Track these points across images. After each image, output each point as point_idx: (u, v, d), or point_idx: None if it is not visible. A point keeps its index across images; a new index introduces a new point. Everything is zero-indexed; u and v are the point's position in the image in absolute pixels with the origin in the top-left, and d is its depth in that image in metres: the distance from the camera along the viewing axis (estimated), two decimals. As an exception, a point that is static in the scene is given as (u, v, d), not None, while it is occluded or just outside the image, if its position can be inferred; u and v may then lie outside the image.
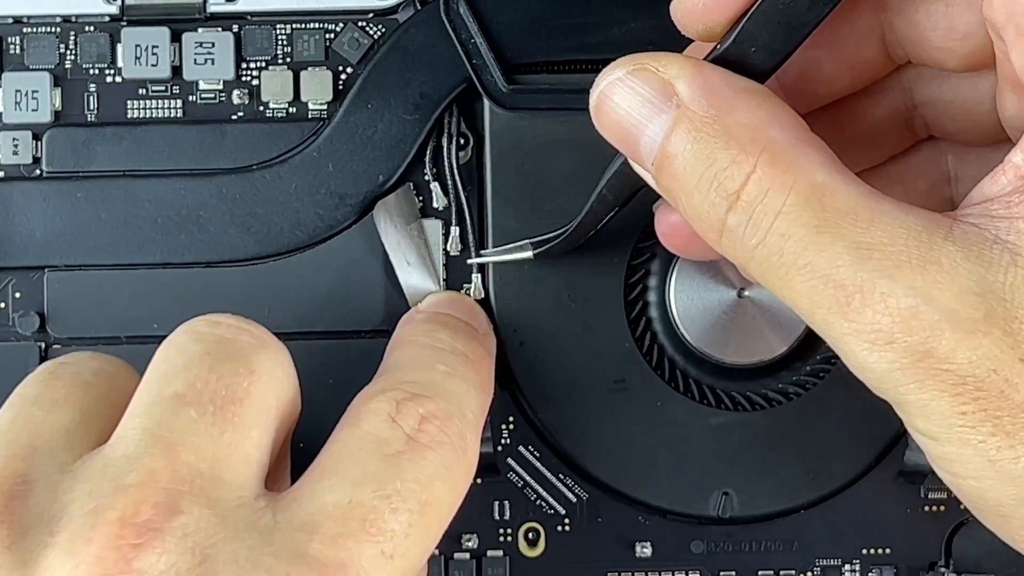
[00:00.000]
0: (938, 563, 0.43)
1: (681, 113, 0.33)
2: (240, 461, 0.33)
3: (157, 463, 0.32)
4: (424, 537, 0.34)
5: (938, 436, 0.32)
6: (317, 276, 0.42)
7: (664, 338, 0.43)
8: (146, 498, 0.31)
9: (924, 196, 0.40)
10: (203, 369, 0.34)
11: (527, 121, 0.42)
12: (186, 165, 0.42)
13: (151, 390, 0.34)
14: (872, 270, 0.31)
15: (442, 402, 0.36)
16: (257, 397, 0.34)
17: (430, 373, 0.37)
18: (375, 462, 0.34)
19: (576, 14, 0.42)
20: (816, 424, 0.42)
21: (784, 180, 0.32)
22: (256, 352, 0.35)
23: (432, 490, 0.34)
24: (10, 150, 0.42)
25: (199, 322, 0.35)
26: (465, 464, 0.35)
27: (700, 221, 0.34)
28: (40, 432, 0.34)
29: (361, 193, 0.42)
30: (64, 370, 0.36)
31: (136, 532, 0.31)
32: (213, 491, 0.32)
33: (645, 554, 0.43)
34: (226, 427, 0.33)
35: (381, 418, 0.35)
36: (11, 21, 0.43)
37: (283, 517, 0.32)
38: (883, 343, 0.31)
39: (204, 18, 0.43)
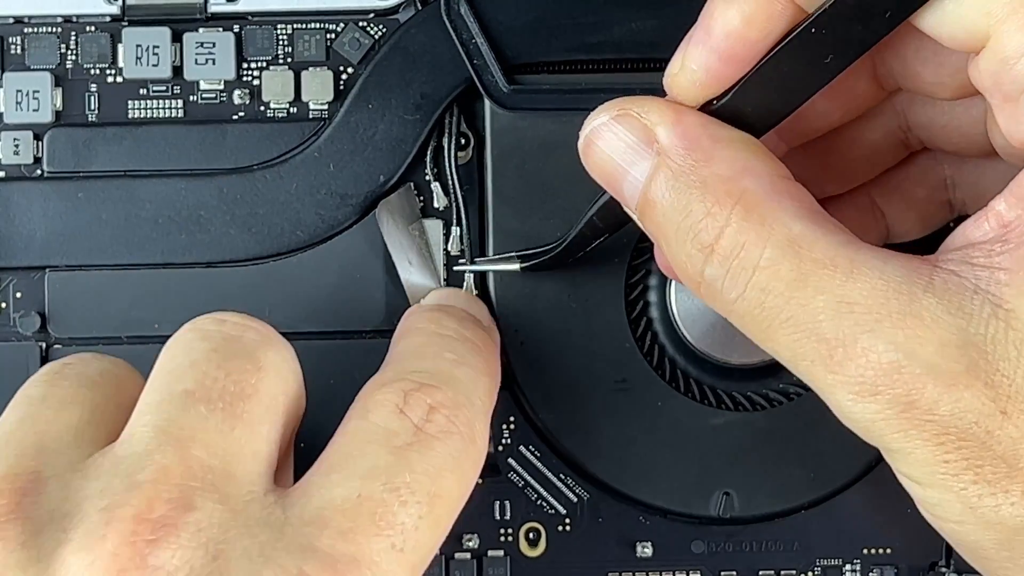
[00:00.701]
0: (939, 563, 0.43)
1: (661, 161, 0.33)
2: (250, 457, 0.33)
3: (169, 459, 0.32)
4: (434, 529, 0.34)
5: (922, 481, 0.33)
6: (318, 276, 0.42)
7: (665, 338, 0.43)
8: (159, 494, 0.31)
9: (923, 202, 0.40)
10: (211, 366, 0.34)
11: (528, 121, 0.42)
12: (187, 165, 0.42)
13: (160, 388, 0.34)
14: (853, 324, 0.31)
15: (450, 391, 0.36)
16: (265, 393, 0.34)
17: (437, 361, 0.37)
18: (383, 455, 0.34)
19: (577, 14, 0.42)
20: (816, 424, 0.42)
21: (760, 232, 0.32)
22: (262, 348, 0.35)
23: (441, 481, 0.34)
24: (11, 150, 0.42)
25: (204, 320, 0.35)
26: (474, 453, 0.35)
27: (680, 271, 0.34)
28: (49, 431, 0.34)
29: (362, 193, 0.42)
30: (69, 370, 0.36)
31: (151, 528, 0.31)
32: (225, 487, 0.32)
33: (646, 554, 0.43)
34: (236, 423, 0.33)
35: (389, 409, 0.35)
36: (12, 21, 0.43)
37: (293, 512, 0.33)
38: (867, 395, 0.32)
39: (205, 18, 0.43)
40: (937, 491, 0.32)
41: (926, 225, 0.40)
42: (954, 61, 0.35)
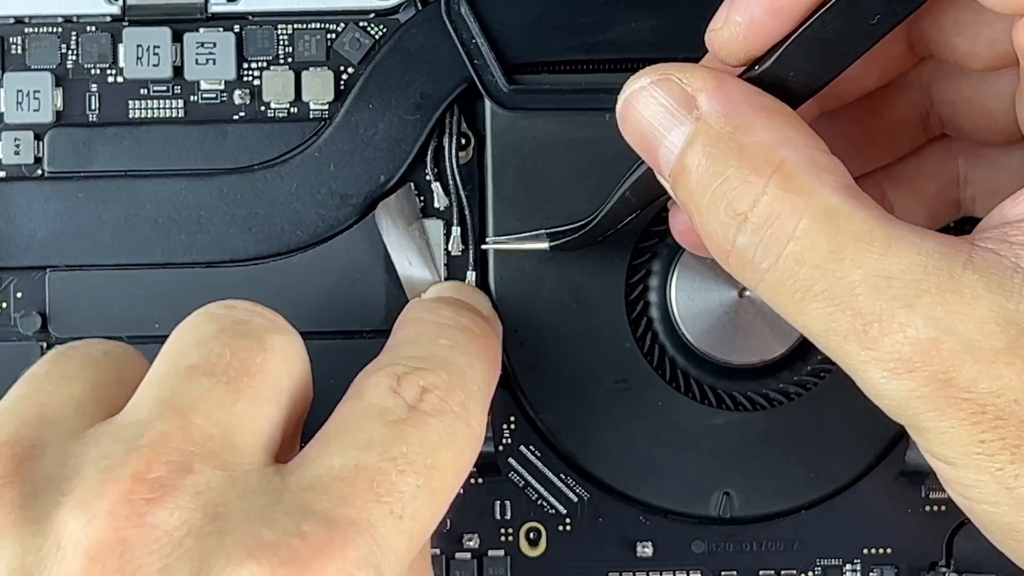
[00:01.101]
0: (939, 563, 0.43)
1: (700, 127, 0.33)
2: (252, 431, 0.33)
3: (170, 426, 0.32)
4: (432, 500, 0.33)
5: (955, 462, 0.32)
6: (318, 276, 0.42)
7: (665, 338, 0.43)
8: (159, 456, 0.31)
9: (933, 198, 0.40)
10: (217, 344, 0.34)
11: (528, 121, 0.42)
12: (187, 165, 0.42)
13: (165, 363, 0.34)
14: (891, 299, 0.31)
15: (444, 374, 0.35)
16: (270, 374, 0.34)
17: (433, 347, 0.37)
18: (379, 428, 0.34)
19: (577, 14, 0.42)
20: (817, 424, 0.42)
21: (797, 203, 0.32)
22: (269, 333, 0.35)
23: (438, 455, 0.34)
24: (12, 150, 0.42)
25: (213, 305, 0.36)
26: (469, 434, 0.35)
27: (710, 239, 0.33)
28: (50, 403, 0.34)
29: (362, 193, 0.42)
30: (74, 352, 0.36)
31: (149, 488, 0.31)
32: (224, 454, 0.32)
33: (646, 554, 0.43)
34: (239, 397, 0.33)
35: (383, 389, 0.35)
36: (13, 21, 0.43)
37: (292, 480, 0.33)
38: (903, 371, 0.31)
39: (205, 18, 0.43)
40: (972, 472, 0.32)
41: (932, 223, 0.40)
42: (992, 31, 0.34)
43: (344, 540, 0.31)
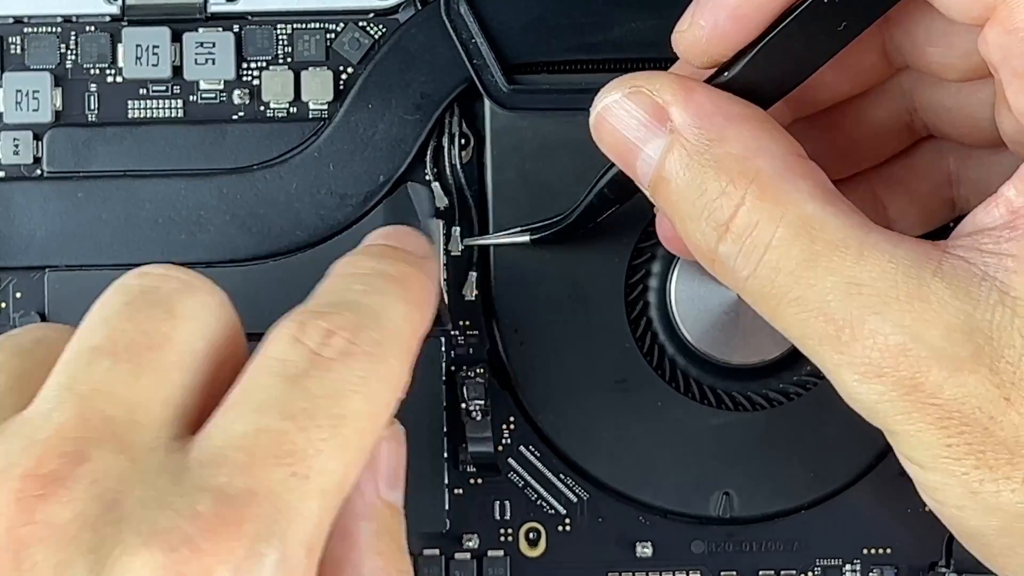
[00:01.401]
0: (939, 563, 0.43)
1: (674, 139, 0.34)
2: (159, 404, 0.32)
3: (67, 415, 0.31)
4: (343, 451, 0.32)
5: (925, 465, 0.33)
6: (318, 276, 0.42)
7: (665, 338, 0.43)
8: (52, 449, 0.31)
9: (926, 197, 0.40)
10: (121, 319, 0.33)
11: (528, 121, 0.42)
12: (187, 165, 0.42)
13: (72, 347, 0.33)
14: (861, 306, 0.32)
15: (351, 315, 0.33)
16: (179, 341, 0.33)
17: (343, 294, 0.35)
18: (279, 385, 0.32)
19: (576, 14, 0.42)
20: (816, 424, 0.42)
21: (773, 212, 0.33)
22: (180, 296, 0.34)
23: (345, 402, 0.32)
24: (11, 150, 0.42)
25: (128, 275, 0.34)
26: (384, 371, 0.33)
27: (693, 247, 0.34)
28: None
29: (362, 193, 0.42)
30: (8, 341, 0.35)
31: (40, 484, 0.30)
32: (127, 435, 0.31)
33: (646, 554, 0.43)
34: (142, 372, 0.32)
35: (284, 340, 0.33)
36: (12, 21, 0.43)
37: (192, 456, 0.31)
38: (873, 376, 0.32)
39: (205, 18, 0.43)
40: (939, 475, 0.33)
41: (928, 222, 0.40)
42: (963, 42, 0.35)
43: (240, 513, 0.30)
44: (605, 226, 0.42)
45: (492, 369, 0.42)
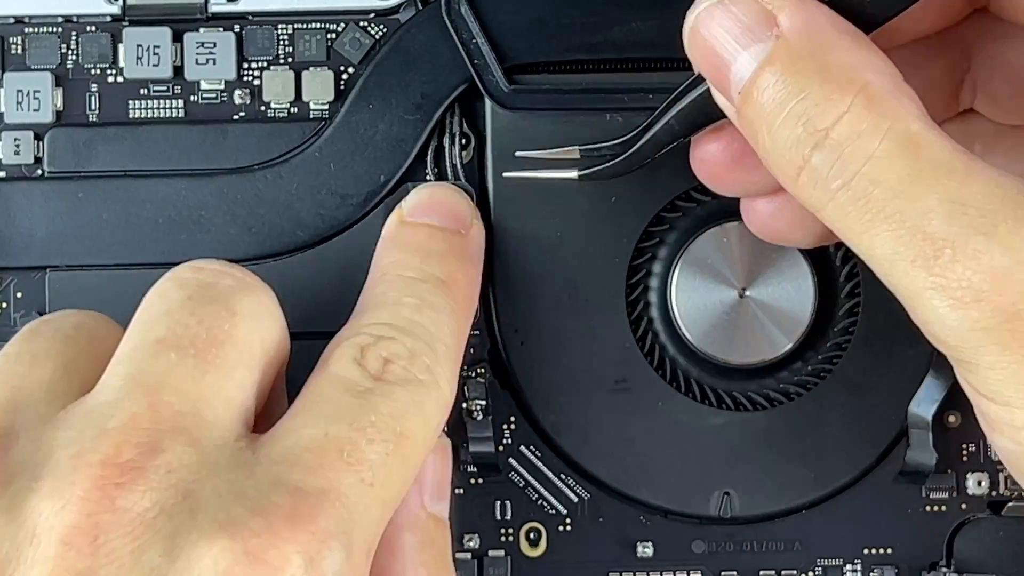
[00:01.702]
0: (939, 563, 0.43)
1: (780, 44, 0.33)
2: (222, 402, 0.33)
3: (138, 406, 0.32)
4: (402, 467, 0.34)
5: (1011, 402, 0.32)
6: (318, 276, 0.42)
7: (665, 338, 0.43)
8: (128, 439, 0.32)
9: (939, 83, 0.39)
10: (184, 313, 0.34)
11: (528, 121, 0.42)
12: (187, 165, 0.42)
13: (133, 338, 0.34)
14: (967, 226, 0.31)
15: (408, 340, 0.36)
16: (239, 339, 0.34)
17: (398, 308, 0.37)
18: (347, 398, 0.34)
19: (577, 14, 0.42)
20: (817, 424, 0.42)
21: (879, 124, 0.32)
22: (238, 295, 0.35)
23: (406, 423, 0.34)
24: (12, 150, 0.42)
25: (182, 268, 0.35)
26: (437, 397, 0.35)
27: (780, 156, 0.33)
28: (22, 387, 0.34)
29: (362, 193, 0.42)
30: (45, 327, 0.36)
31: (119, 472, 0.31)
32: (195, 431, 0.32)
33: (646, 554, 0.43)
34: (208, 368, 0.33)
35: (347, 361, 0.35)
36: (13, 21, 0.43)
37: (262, 453, 0.33)
38: (970, 300, 0.31)
39: (206, 18, 0.43)
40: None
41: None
42: None
43: (315, 509, 0.31)
44: (605, 226, 0.42)
45: (492, 369, 0.42)
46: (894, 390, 0.42)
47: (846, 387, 0.42)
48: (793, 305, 0.42)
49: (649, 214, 0.42)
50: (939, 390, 0.42)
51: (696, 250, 0.42)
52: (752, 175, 0.37)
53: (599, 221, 0.42)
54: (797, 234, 0.39)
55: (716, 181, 0.39)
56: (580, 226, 0.42)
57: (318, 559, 0.31)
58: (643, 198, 0.42)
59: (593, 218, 0.42)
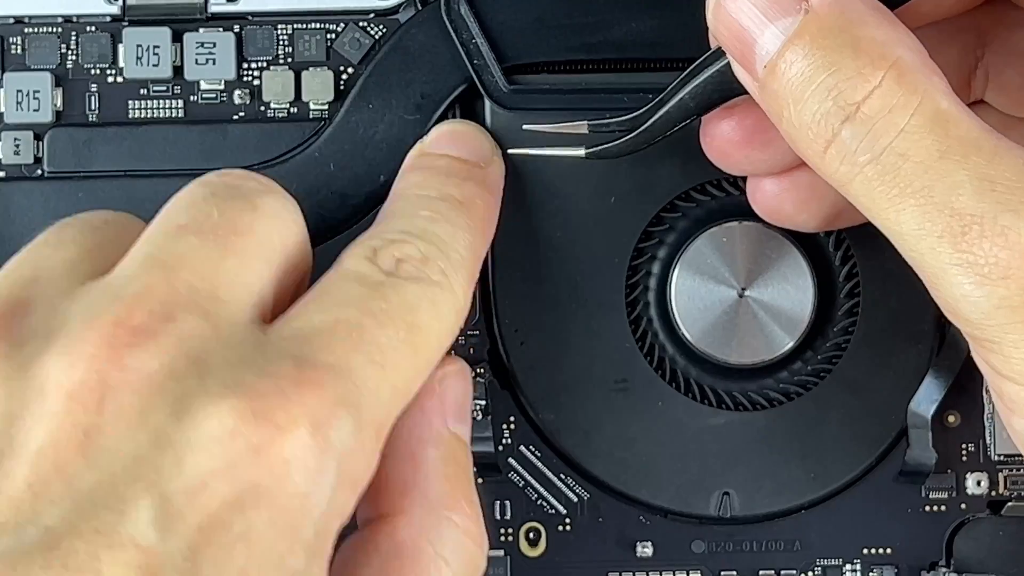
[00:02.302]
0: (939, 563, 0.43)
1: (810, 18, 0.33)
2: (240, 286, 0.33)
3: (155, 279, 0.32)
4: (414, 357, 0.33)
5: None
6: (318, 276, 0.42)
7: (665, 338, 0.43)
8: (141, 305, 0.32)
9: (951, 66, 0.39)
10: (207, 205, 0.34)
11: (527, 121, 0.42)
12: (187, 165, 0.42)
13: (156, 225, 0.34)
14: (995, 202, 0.31)
15: (421, 244, 0.35)
16: (260, 232, 0.34)
17: (412, 219, 0.37)
18: (358, 288, 0.34)
19: (576, 14, 0.42)
20: (816, 424, 0.42)
21: (910, 99, 0.32)
22: (261, 194, 0.35)
23: (417, 315, 0.34)
24: (11, 150, 0.42)
25: (209, 174, 0.36)
26: (451, 300, 0.35)
27: (807, 131, 0.33)
28: (44, 265, 0.34)
29: (362, 193, 0.42)
30: (75, 220, 0.36)
31: (130, 332, 0.31)
32: (209, 306, 0.32)
33: (646, 554, 0.43)
34: (227, 254, 0.33)
35: (359, 259, 0.35)
36: (12, 21, 0.43)
37: (273, 333, 0.33)
38: (996, 277, 0.31)
39: (205, 18, 0.43)
40: None
41: None
42: None
43: (323, 378, 0.31)
44: (605, 226, 0.42)
45: (492, 369, 0.42)
46: (894, 390, 0.42)
47: (846, 387, 0.42)
48: (793, 305, 0.42)
49: (649, 214, 0.42)
50: (939, 390, 0.42)
51: (696, 250, 0.42)
52: (763, 153, 0.38)
53: (599, 221, 0.42)
54: (802, 215, 0.39)
55: (726, 158, 0.39)
56: (580, 226, 0.42)
57: (325, 426, 0.31)
58: (643, 198, 0.42)
59: (593, 218, 0.42)
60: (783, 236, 0.41)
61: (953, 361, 0.42)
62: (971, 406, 0.43)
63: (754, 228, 0.41)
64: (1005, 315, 0.31)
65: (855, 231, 0.42)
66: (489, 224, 0.39)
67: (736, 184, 0.42)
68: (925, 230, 0.32)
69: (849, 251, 0.42)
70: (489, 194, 0.40)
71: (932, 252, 0.32)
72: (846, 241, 0.42)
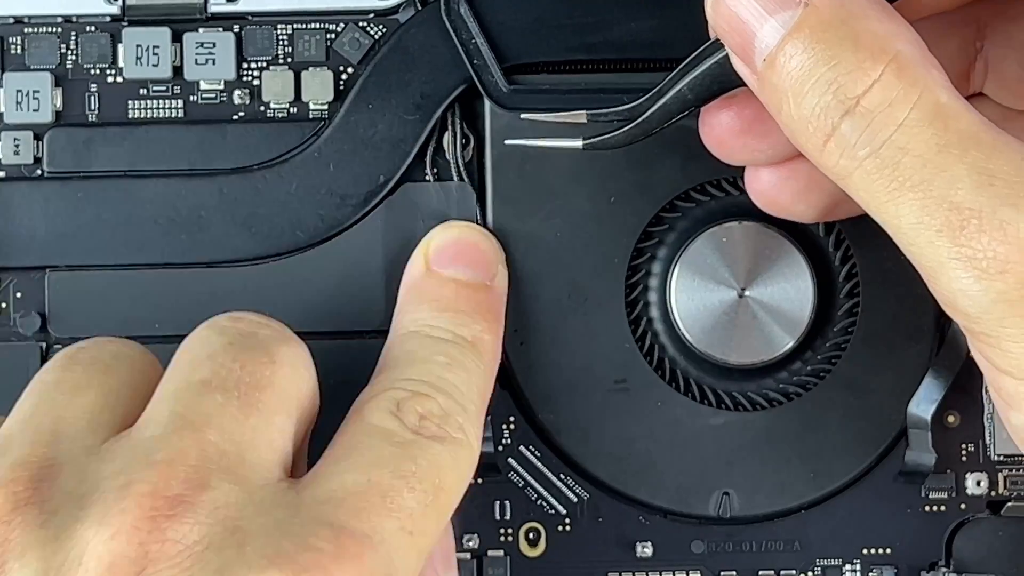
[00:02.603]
0: (938, 563, 0.43)
1: (810, 12, 0.33)
2: (264, 445, 0.34)
3: (185, 442, 0.32)
4: (438, 520, 0.34)
5: None
6: (318, 276, 0.42)
7: (665, 338, 0.43)
8: (176, 473, 0.32)
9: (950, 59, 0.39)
10: (227, 358, 0.34)
11: (528, 121, 0.42)
12: (187, 165, 0.42)
13: (177, 378, 0.34)
14: (994, 196, 0.31)
15: (441, 398, 0.36)
16: (279, 386, 0.35)
17: (428, 366, 0.38)
18: (388, 447, 0.34)
19: (576, 14, 0.42)
20: (816, 424, 0.42)
21: (910, 93, 0.32)
22: (277, 344, 0.35)
23: (443, 476, 0.35)
24: (11, 150, 0.42)
25: (221, 318, 0.36)
26: (469, 455, 0.36)
27: (806, 124, 0.33)
28: (64, 417, 0.34)
29: (362, 193, 0.42)
30: (83, 355, 0.36)
31: (169, 504, 0.31)
32: (239, 470, 0.33)
33: (646, 554, 0.43)
34: (251, 411, 0.34)
35: (384, 413, 0.35)
36: (12, 21, 0.43)
37: (307, 494, 0.33)
38: (995, 272, 0.31)
39: (205, 18, 0.43)
40: None
41: None
42: None
43: (361, 550, 0.32)
44: (604, 226, 0.42)
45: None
46: (893, 390, 0.42)
47: (845, 387, 0.42)
48: (792, 305, 0.42)
49: (648, 214, 0.42)
50: (938, 390, 0.42)
51: (695, 250, 0.42)
52: (761, 142, 0.38)
53: (598, 221, 0.42)
54: (799, 206, 0.39)
55: (724, 148, 0.39)
56: (580, 226, 0.42)
57: None
58: (642, 198, 0.42)
59: (593, 218, 0.42)
60: (783, 236, 0.42)
61: (953, 361, 0.42)
62: (971, 406, 0.43)
63: (754, 228, 0.42)
64: (1003, 309, 0.31)
65: (855, 231, 0.42)
66: (496, 355, 0.40)
67: (736, 184, 0.42)
68: (924, 224, 0.31)
69: (849, 251, 0.42)
70: (496, 322, 0.40)
71: (931, 246, 0.32)
72: (846, 241, 0.42)
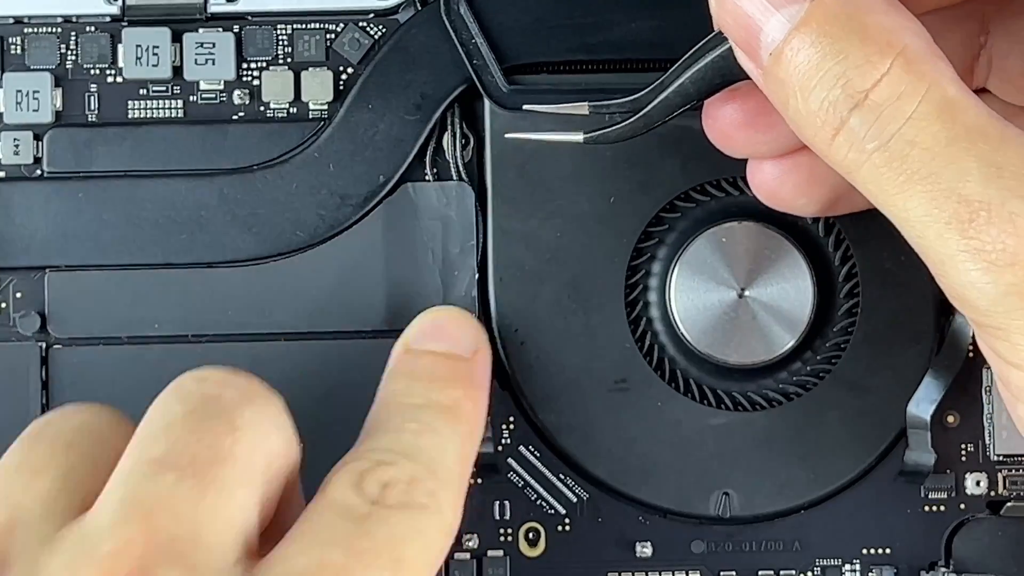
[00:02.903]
0: (938, 563, 0.43)
1: (816, 5, 0.32)
2: (223, 523, 0.32)
3: (132, 532, 0.31)
4: None
5: None
6: (318, 276, 0.42)
7: (664, 338, 0.43)
8: (120, 567, 0.31)
9: None
10: (184, 431, 0.33)
11: (527, 121, 0.42)
12: (187, 165, 0.42)
13: (132, 456, 0.33)
14: (1003, 188, 0.31)
15: (408, 464, 0.35)
16: (241, 456, 0.33)
17: (398, 435, 0.36)
18: (342, 523, 0.33)
19: (576, 14, 0.42)
20: (816, 424, 0.42)
21: (918, 86, 0.32)
22: (240, 407, 0.34)
23: (404, 548, 0.33)
24: (11, 150, 0.42)
25: (186, 378, 0.35)
26: (439, 522, 0.35)
27: (813, 118, 0.33)
28: (21, 504, 0.33)
29: (362, 193, 0.42)
30: (48, 430, 0.35)
31: None
32: (191, 556, 0.31)
33: (645, 554, 0.43)
34: (207, 489, 0.32)
35: (345, 487, 0.34)
36: (12, 21, 0.43)
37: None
38: (1004, 264, 0.31)
39: (205, 18, 0.43)
40: None
41: None
42: None
43: None
44: (604, 226, 0.42)
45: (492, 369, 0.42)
46: (893, 390, 0.42)
47: (845, 387, 0.42)
48: (792, 305, 0.42)
49: (648, 214, 0.42)
50: (938, 390, 0.42)
51: (695, 250, 0.42)
52: (765, 135, 0.37)
53: (599, 221, 0.42)
54: (801, 200, 0.39)
55: (727, 141, 0.38)
56: (580, 226, 0.42)
57: None
58: (642, 198, 0.42)
59: (593, 218, 0.42)
60: (783, 236, 0.42)
61: (953, 361, 0.42)
62: (971, 406, 0.43)
63: (754, 228, 0.42)
64: (1012, 302, 0.31)
65: (855, 231, 0.42)
66: (479, 423, 0.38)
67: (736, 184, 0.42)
68: (932, 216, 0.31)
69: (848, 251, 0.42)
70: (476, 390, 0.39)
71: (939, 239, 0.31)
72: (845, 241, 0.42)
